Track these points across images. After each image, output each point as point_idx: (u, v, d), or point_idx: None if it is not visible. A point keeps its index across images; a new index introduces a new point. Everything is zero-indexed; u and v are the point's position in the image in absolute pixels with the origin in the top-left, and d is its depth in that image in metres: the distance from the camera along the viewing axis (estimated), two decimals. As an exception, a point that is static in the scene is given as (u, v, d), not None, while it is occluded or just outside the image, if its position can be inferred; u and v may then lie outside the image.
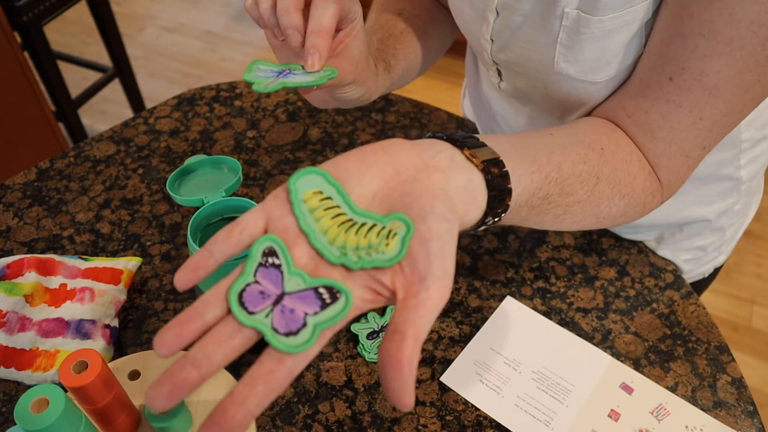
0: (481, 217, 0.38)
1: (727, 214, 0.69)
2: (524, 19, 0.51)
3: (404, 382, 0.29)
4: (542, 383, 0.56)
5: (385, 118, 0.82)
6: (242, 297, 0.31)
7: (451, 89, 2.26)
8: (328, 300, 0.31)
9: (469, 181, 0.36)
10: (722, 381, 0.57)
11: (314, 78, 0.44)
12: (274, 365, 0.29)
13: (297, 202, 0.32)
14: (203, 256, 0.32)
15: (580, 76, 0.50)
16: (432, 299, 0.30)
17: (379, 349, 0.29)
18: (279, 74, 0.44)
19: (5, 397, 0.55)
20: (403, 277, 0.31)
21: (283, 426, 0.53)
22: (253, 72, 0.44)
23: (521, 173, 0.40)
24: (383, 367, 0.30)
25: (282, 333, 0.30)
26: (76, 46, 2.46)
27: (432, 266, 0.31)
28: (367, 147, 0.35)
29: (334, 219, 0.32)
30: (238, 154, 0.77)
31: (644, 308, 0.62)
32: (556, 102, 0.56)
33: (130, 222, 0.69)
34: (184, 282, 0.31)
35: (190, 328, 0.30)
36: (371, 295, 0.32)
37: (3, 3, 1.38)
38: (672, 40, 0.45)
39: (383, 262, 0.31)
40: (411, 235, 0.32)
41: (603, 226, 0.51)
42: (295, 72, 0.44)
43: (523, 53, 0.53)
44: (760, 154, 0.65)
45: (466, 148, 0.37)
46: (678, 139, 0.48)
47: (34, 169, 0.74)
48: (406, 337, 0.29)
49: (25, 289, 0.57)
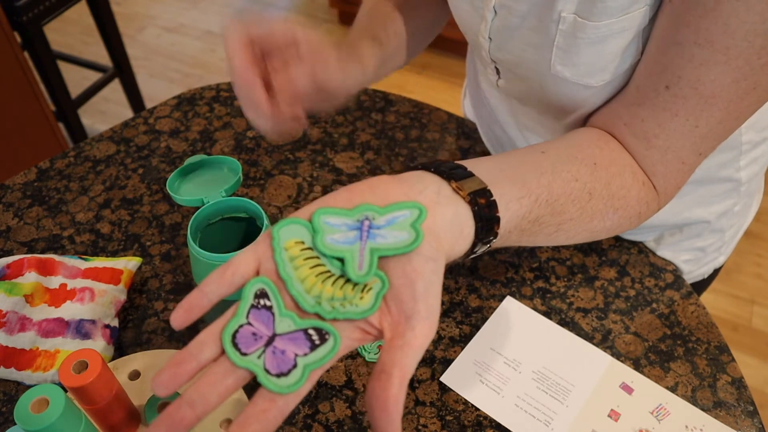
0: (470, 247, 0.38)
1: (727, 216, 0.69)
2: (521, 20, 0.51)
3: (390, 422, 0.31)
4: (542, 383, 0.56)
5: (385, 118, 0.82)
6: (235, 338, 0.32)
7: (451, 89, 2.26)
8: (317, 341, 0.32)
9: (455, 214, 0.37)
10: (722, 381, 0.57)
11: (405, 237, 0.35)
12: (267, 405, 0.31)
13: (279, 249, 0.34)
14: (197, 296, 0.33)
15: (576, 79, 0.51)
16: (417, 338, 0.32)
17: (366, 387, 0.31)
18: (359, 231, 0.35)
19: (5, 397, 0.55)
20: (390, 317, 0.33)
21: (283, 426, 0.53)
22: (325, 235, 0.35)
23: (509, 199, 0.41)
24: (370, 405, 0.31)
25: (274, 374, 0.31)
26: (76, 46, 2.46)
27: (417, 306, 0.32)
28: (354, 186, 0.36)
29: (312, 269, 0.33)
30: (238, 154, 0.77)
31: (644, 308, 0.62)
32: (553, 103, 0.56)
33: (130, 222, 0.69)
34: (179, 322, 0.33)
35: (185, 369, 0.31)
36: (359, 334, 0.33)
37: (3, 3, 1.38)
38: (668, 49, 0.45)
39: (356, 314, 0.32)
40: (385, 290, 0.33)
41: (598, 238, 0.51)
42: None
43: (520, 54, 0.54)
44: (760, 155, 0.65)
45: (453, 181, 0.38)
46: (674, 147, 0.48)
47: (34, 169, 0.74)
48: (392, 377, 0.31)
49: (25, 289, 0.57)
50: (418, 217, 0.34)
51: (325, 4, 2.64)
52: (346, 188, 0.36)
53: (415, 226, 0.34)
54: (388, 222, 0.34)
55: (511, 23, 0.52)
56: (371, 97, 0.85)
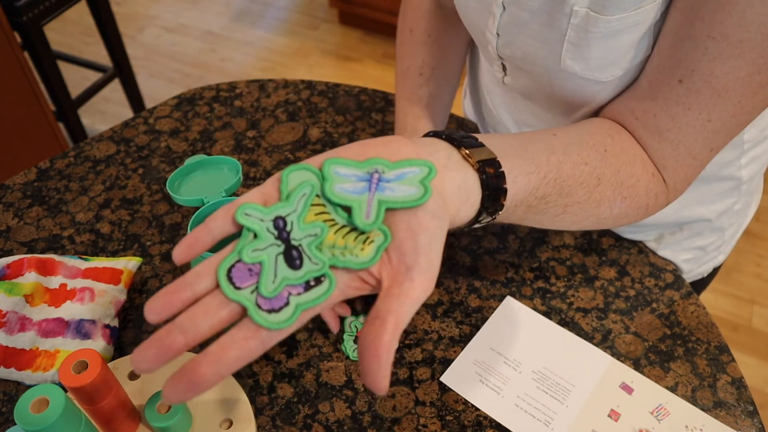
0: (475, 215, 0.38)
1: (727, 214, 0.69)
2: (531, 15, 0.51)
3: (381, 367, 0.30)
4: (542, 383, 0.56)
5: (385, 118, 0.82)
6: (231, 272, 0.32)
7: (451, 89, 2.26)
8: (312, 282, 0.32)
9: (463, 180, 0.37)
10: (722, 381, 0.57)
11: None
12: (250, 334, 0.31)
13: (286, 193, 0.34)
14: (202, 232, 0.33)
15: (587, 74, 0.50)
16: (416, 290, 0.32)
17: (359, 333, 0.30)
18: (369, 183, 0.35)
19: (5, 397, 0.55)
20: (390, 267, 0.33)
21: (283, 426, 0.53)
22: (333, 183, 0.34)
23: (518, 173, 0.41)
24: (362, 351, 0.31)
25: (265, 309, 0.31)
26: (76, 46, 2.46)
27: (419, 258, 0.32)
28: (368, 141, 0.36)
29: (317, 216, 0.34)
30: (238, 154, 0.77)
31: (644, 308, 0.62)
32: (560, 99, 0.56)
33: (130, 222, 0.69)
34: (181, 257, 0.32)
35: (179, 297, 0.31)
36: (357, 283, 0.33)
37: (3, 3, 1.38)
38: (681, 43, 0.45)
39: (355, 264, 0.32)
40: (387, 244, 0.33)
41: (605, 226, 0.51)
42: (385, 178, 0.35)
43: (529, 49, 0.53)
44: (761, 154, 0.65)
45: (464, 148, 0.38)
46: (686, 141, 0.48)
47: (34, 169, 0.74)
48: (387, 323, 0.31)
49: (25, 289, 0.57)
50: (428, 174, 0.34)
51: (325, 4, 2.64)
52: (359, 142, 0.36)
53: (425, 183, 0.34)
54: (397, 177, 0.34)
55: (521, 18, 0.52)
56: (371, 97, 0.85)
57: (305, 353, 0.58)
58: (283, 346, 0.58)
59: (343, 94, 0.86)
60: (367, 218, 0.33)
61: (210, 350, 0.30)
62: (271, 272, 0.32)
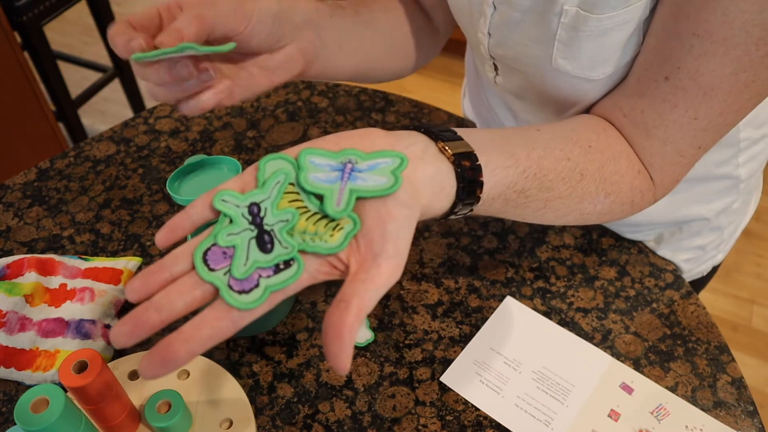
0: (451, 206, 0.39)
1: (726, 213, 0.69)
2: (522, 15, 0.51)
3: (343, 348, 0.31)
4: (542, 383, 0.56)
5: (385, 118, 0.82)
6: (206, 255, 0.34)
7: (451, 89, 2.26)
8: (281, 266, 0.34)
9: (437, 171, 0.38)
10: (722, 381, 0.57)
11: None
12: (222, 314, 0.32)
13: (262, 180, 0.35)
14: (182, 218, 0.35)
15: (578, 73, 0.51)
16: (382, 276, 0.33)
17: (324, 316, 0.33)
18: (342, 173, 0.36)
19: (5, 397, 0.55)
20: (358, 253, 0.34)
21: (283, 426, 0.53)
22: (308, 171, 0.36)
23: (495, 167, 0.42)
24: (326, 332, 0.32)
25: (236, 290, 0.33)
26: (76, 46, 2.46)
27: (386, 246, 0.33)
28: (345, 132, 0.37)
29: (291, 203, 0.35)
30: (238, 154, 0.77)
31: (644, 308, 0.62)
32: (552, 98, 0.56)
33: (130, 222, 0.69)
34: (163, 240, 0.34)
35: (157, 278, 0.33)
36: (327, 268, 0.34)
37: (3, 3, 1.39)
38: (668, 40, 0.45)
39: (323, 249, 0.34)
40: (356, 231, 0.34)
41: (589, 222, 0.52)
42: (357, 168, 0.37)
43: (521, 48, 0.54)
44: (759, 152, 0.65)
45: (441, 141, 0.39)
46: (673, 139, 0.48)
47: (34, 169, 0.74)
48: (350, 306, 0.32)
49: (25, 289, 0.57)
50: (399, 165, 0.35)
51: (325, 4, 2.64)
52: (336, 134, 0.37)
53: (395, 173, 0.35)
54: (369, 167, 0.35)
55: (512, 18, 0.52)
56: (371, 97, 0.85)
57: (305, 353, 0.58)
58: (283, 346, 0.58)
59: (343, 94, 0.86)
60: (338, 206, 0.34)
61: (183, 329, 0.31)
62: (243, 255, 0.34)
